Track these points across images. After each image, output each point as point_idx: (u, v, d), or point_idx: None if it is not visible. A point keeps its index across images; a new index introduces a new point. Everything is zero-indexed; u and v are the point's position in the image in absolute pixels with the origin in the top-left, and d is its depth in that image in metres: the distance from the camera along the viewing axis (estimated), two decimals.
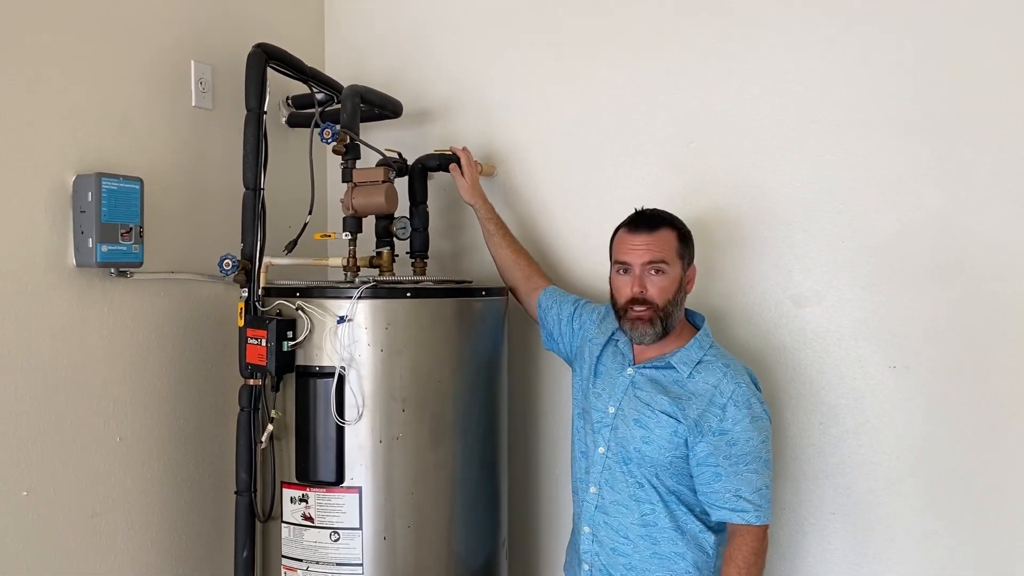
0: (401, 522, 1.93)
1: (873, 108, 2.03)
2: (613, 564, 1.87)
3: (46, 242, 1.84)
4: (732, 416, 1.78)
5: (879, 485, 2.06)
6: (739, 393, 1.80)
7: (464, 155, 2.27)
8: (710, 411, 1.79)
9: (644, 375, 1.90)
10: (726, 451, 1.77)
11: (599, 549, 1.90)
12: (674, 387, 1.85)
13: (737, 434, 1.77)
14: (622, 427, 1.87)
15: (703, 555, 1.83)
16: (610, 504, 1.88)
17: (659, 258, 1.83)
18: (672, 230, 1.87)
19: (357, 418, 1.90)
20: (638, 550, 1.84)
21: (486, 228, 2.28)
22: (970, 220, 1.95)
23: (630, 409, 1.87)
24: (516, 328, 2.34)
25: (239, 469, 2.02)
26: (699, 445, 1.79)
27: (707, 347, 1.88)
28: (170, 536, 2.15)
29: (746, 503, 1.76)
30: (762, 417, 1.82)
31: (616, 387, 1.92)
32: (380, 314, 1.91)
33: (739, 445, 1.77)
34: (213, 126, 2.26)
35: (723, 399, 1.79)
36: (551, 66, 2.42)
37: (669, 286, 1.84)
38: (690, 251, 1.91)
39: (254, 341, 1.93)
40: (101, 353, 1.96)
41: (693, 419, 1.79)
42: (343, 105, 2.17)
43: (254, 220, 2.04)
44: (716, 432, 1.78)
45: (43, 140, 1.83)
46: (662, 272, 1.83)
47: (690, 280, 1.91)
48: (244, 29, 2.34)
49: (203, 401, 2.23)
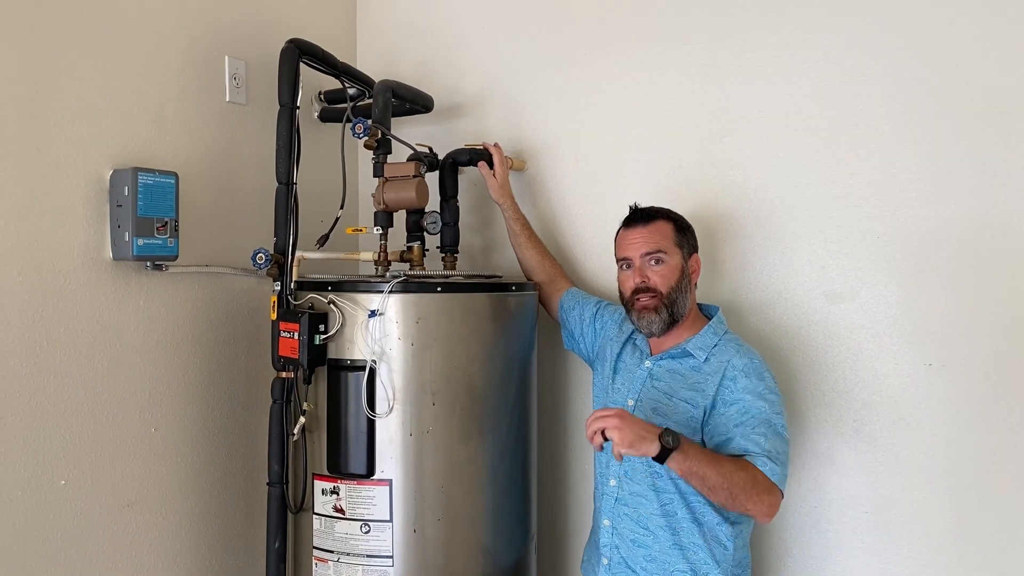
0: (431, 515, 1.94)
1: (910, 103, 2.01)
2: (633, 556, 1.87)
3: (84, 236, 1.87)
4: (743, 385, 1.80)
5: (913, 483, 2.04)
6: (751, 366, 1.83)
7: (496, 152, 2.28)
8: (723, 385, 1.82)
9: (662, 366, 1.92)
10: (737, 419, 1.78)
11: (619, 542, 1.90)
12: (692, 373, 1.87)
13: (749, 402, 1.79)
14: (642, 418, 1.86)
15: (720, 547, 1.82)
16: (629, 496, 1.89)
17: (656, 248, 1.89)
18: (667, 221, 1.93)
19: (388, 411, 1.91)
20: (658, 541, 1.85)
21: (512, 228, 2.30)
22: (1008, 217, 1.92)
23: (649, 400, 1.89)
24: (546, 323, 2.34)
25: (271, 461, 2.04)
26: (712, 418, 1.81)
27: (721, 333, 1.92)
28: (203, 526, 2.17)
29: (756, 456, 1.71)
30: (776, 392, 1.83)
31: (634, 380, 1.95)
32: (411, 308, 1.92)
33: (751, 412, 1.78)
34: (247, 121, 2.28)
35: (734, 371, 1.83)
36: (581, 61, 2.42)
37: (670, 274, 1.89)
38: (689, 241, 1.96)
39: (286, 334, 1.94)
40: (136, 345, 1.99)
41: (711, 398, 1.82)
42: (375, 100, 2.18)
43: (287, 214, 2.06)
44: (728, 402, 1.80)
45: (80, 135, 1.86)
46: (662, 261, 1.89)
47: (694, 270, 1.95)
48: (277, 25, 2.36)
49: (236, 393, 2.26)
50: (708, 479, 1.66)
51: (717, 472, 1.66)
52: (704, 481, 1.66)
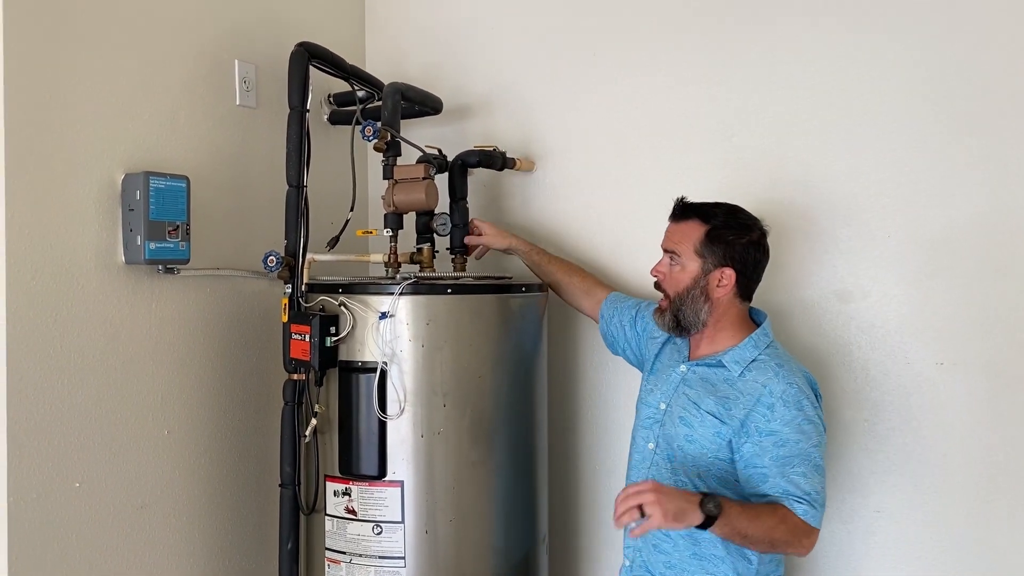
0: (442, 516, 1.95)
1: (921, 102, 2.00)
2: (653, 561, 1.85)
3: (96, 240, 1.87)
4: (781, 416, 1.71)
5: (925, 483, 2.03)
6: (789, 393, 1.72)
7: (473, 228, 2.25)
8: (757, 410, 1.73)
9: (696, 373, 1.85)
10: (773, 452, 1.70)
11: (641, 544, 1.88)
12: (723, 386, 1.79)
13: (786, 435, 1.70)
14: (669, 424, 1.84)
15: (744, 561, 1.76)
16: None
17: (671, 247, 1.83)
18: (701, 224, 1.80)
19: (399, 413, 1.92)
20: (678, 548, 1.81)
21: (531, 261, 2.26)
22: (1019, 216, 1.91)
23: (678, 406, 1.84)
24: (556, 324, 2.34)
25: (283, 462, 2.05)
26: (745, 446, 1.73)
27: (763, 347, 1.81)
28: (216, 527, 2.18)
29: (794, 500, 1.67)
30: (815, 421, 1.73)
31: (668, 383, 1.89)
32: (421, 310, 1.93)
33: (788, 446, 1.69)
34: (257, 124, 2.29)
35: (771, 398, 1.72)
36: (590, 62, 2.42)
37: (680, 279, 1.81)
38: (719, 253, 1.79)
39: (298, 336, 1.95)
40: (149, 348, 2.00)
41: (739, 419, 1.74)
42: (384, 102, 2.19)
43: (297, 217, 2.07)
44: (764, 432, 1.71)
45: (92, 140, 1.87)
46: (675, 263, 1.82)
47: (722, 285, 1.79)
48: (286, 28, 2.37)
49: (248, 395, 2.26)
50: (750, 536, 1.63)
51: (758, 528, 1.63)
52: (746, 539, 1.63)
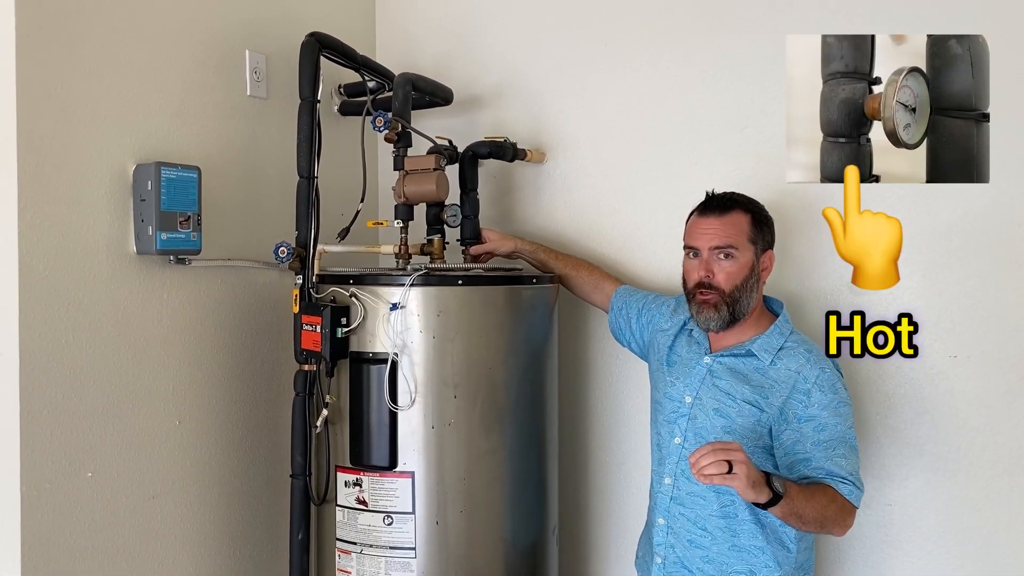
0: (453, 507, 1.95)
1: None
2: (689, 557, 1.83)
3: (107, 230, 1.88)
4: (818, 401, 1.73)
5: (937, 477, 2.03)
6: (824, 378, 1.75)
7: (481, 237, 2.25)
8: (794, 397, 1.75)
9: (723, 364, 1.84)
10: (814, 437, 1.71)
11: (675, 541, 1.86)
12: (755, 375, 1.80)
13: (825, 419, 1.72)
14: (700, 417, 1.83)
15: (783, 550, 1.77)
16: (687, 495, 1.84)
17: (726, 243, 1.79)
18: (745, 213, 1.82)
19: (410, 404, 1.92)
20: (716, 542, 1.80)
21: (537, 260, 2.26)
22: None
23: (709, 399, 1.83)
24: (566, 316, 2.34)
25: (294, 453, 2.05)
26: (785, 433, 1.74)
27: (788, 333, 1.83)
28: (227, 517, 2.19)
29: (839, 481, 1.68)
30: (848, 402, 1.77)
31: (692, 376, 1.87)
32: (432, 301, 1.93)
33: (828, 430, 1.71)
34: (267, 115, 2.29)
35: (807, 384, 1.75)
36: (601, 52, 2.40)
37: (737, 272, 1.79)
38: (765, 236, 1.84)
39: (309, 327, 1.95)
40: (160, 338, 2.01)
41: (777, 407, 1.75)
42: (395, 93, 2.18)
43: (308, 208, 2.06)
44: (802, 419, 1.73)
45: (104, 131, 1.87)
46: (731, 257, 1.79)
47: (766, 267, 1.85)
48: (297, 18, 2.36)
49: (259, 386, 2.27)
50: (805, 516, 1.62)
51: (813, 508, 1.63)
52: (801, 519, 1.63)
